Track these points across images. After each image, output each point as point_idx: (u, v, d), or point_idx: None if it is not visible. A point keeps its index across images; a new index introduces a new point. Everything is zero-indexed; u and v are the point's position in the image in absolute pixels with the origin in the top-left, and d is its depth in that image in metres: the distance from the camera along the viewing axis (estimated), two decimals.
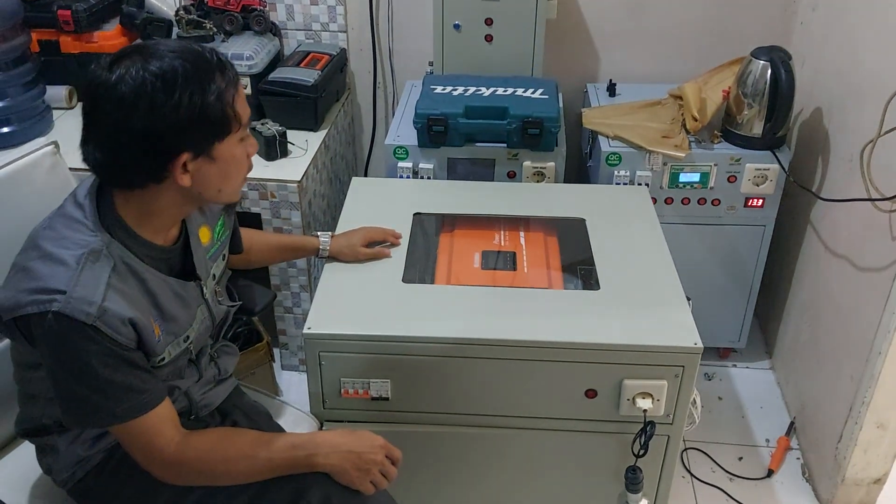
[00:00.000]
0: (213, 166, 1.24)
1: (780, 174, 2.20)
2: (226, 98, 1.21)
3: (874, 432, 1.98)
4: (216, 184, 1.27)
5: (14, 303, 1.20)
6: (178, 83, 1.17)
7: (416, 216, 1.94)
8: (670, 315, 1.63)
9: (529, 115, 2.11)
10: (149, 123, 1.17)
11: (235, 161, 1.28)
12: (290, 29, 2.59)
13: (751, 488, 2.19)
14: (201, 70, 1.20)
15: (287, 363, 2.52)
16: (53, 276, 1.19)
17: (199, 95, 1.18)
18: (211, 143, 1.23)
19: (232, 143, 1.25)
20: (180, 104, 1.17)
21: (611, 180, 2.21)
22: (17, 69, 2.18)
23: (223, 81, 1.21)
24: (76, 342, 1.18)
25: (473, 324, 1.60)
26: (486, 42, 2.33)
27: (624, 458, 1.67)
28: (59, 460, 1.40)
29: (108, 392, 1.22)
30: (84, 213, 1.25)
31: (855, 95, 2.04)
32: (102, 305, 1.19)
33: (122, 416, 1.24)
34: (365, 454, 1.36)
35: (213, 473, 1.33)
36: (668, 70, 2.56)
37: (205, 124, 1.20)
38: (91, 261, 1.21)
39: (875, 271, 1.91)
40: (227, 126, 1.23)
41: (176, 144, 1.19)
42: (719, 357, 2.62)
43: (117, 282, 1.23)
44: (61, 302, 1.17)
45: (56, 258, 1.21)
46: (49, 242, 1.23)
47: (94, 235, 1.23)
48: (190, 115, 1.18)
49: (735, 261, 2.37)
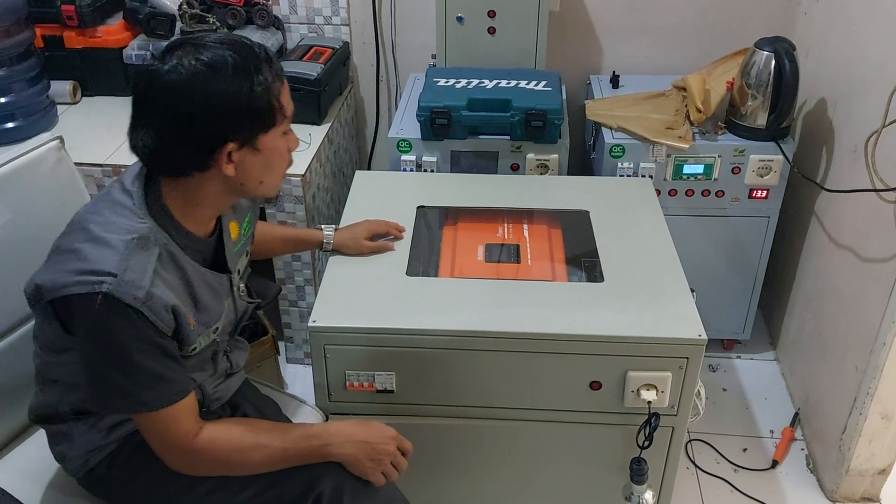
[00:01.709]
0: (257, 157, 1.27)
1: (784, 165, 2.20)
2: (272, 90, 1.25)
3: (879, 423, 1.98)
4: (258, 175, 1.30)
5: (59, 283, 1.21)
6: (228, 73, 1.20)
7: (420, 209, 1.94)
8: (674, 307, 1.63)
9: (533, 107, 2.11)
10: (198, 111, 1.20)
11: (278, 154, 1.31)
12: (292, 23, 2.59)
13: (755, 479, 2.20)
14: (249, 62, 1.23)
15: (292, 356, 2.53)
16: (103, 259, 1.20)
17: (248, 86, 1.22)
18: (256, 134, 1.26)
19: (276, 135, 1.28)
20: (228, 93, 1.20)
21: (614, 172, 2.21)
22: (22, 64, 2.19)
23: (270, 74, 1.24)
24: (119, 325, 1.20)
25: (477, 316, 1.60)
26: (489, 34, 2.33)
27: (629, 450, 1.67)
28: (73, 448, 1.41)
29: (140, 378, 1.24)
30: (132, 199, 1.27)
31: (859, 86, 2.04)
32: (150, 290, 1.21)
33: (150, 404, 1.26)
34: (378, 445, 1.38)
35: (229, 463, 1.34)
36: (672, 61, 2.55)
37: (251, 115, 1.24)
38: (140, 246, 1.23)
39: (879, 262, 1.91)
40: (272, 118, 1.26)
41: (223, 133, 1.23)
42: (724, 349, 2.62)
43: (161, 269, 1.25)
44: (111, 284, 1.18)
45: (105, 241, 1.22)
46: (97, 226, 1.24)
47: (141, 222, 1.26)
48: (237, 104, 1.21)
49: (739, 252, 2.37)
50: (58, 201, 1.61)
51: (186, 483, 1.37)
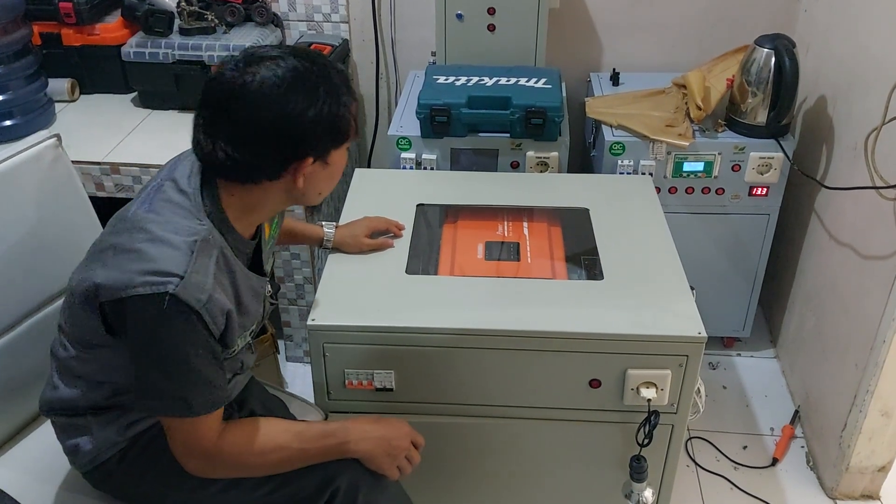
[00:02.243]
0: (326, 170, 1.31)
1: (784, 163, 2.19)
2: (352, 109, 1.29)
3: (878, 420, 1.98)
4: (320, 187, 1.34)
5: (124, 283, 1.20)
6: (319, 91, 1.23)
7: (420, 207, 1.94)
8: (674, 305, 1.63)
9: (532, 104, 2.10)
10: (286, 125, 1.22)
11: (340, 168, 1.35)
12: (291, 20, 2.58)
13: (755, 477, 2.20)
14: (335, 80, 1.26)
15: (292, 355, 2.53)
16: (168, 260, 1.20)
17: (335, 104, 1.25)
18: (330, 149, 1.29)
19: (343, 150, 1.33)
20: (320, 110, 1.23)
21: (614, 170, 2.21)
22: (19, 62, 2.18)
23: (350, 93, 1.29)
24: (180, 327, 1.20)
25: (477, 314, 1.60)
26: (489, 32, 2.32)
27: (628, 448, 1.67)
28: (89, 442, 1.40)
29: (192, 383, 1.24)
30: (189, 200, 1.27)
31: (859, 83, 2.03)
32: (211, 294, 1.22)
33: (198, 409, 1.26)
34: (394, 440, 1.41)
35: (247, 466, 1.35)
36: (672, 59, 2.55)
37: (333, 131, 1.27)
38: (202, 248, 1.23)
39: (879, 259, 1.90)
40: (347, 135, 1.30)
41: (305, 147, 1.25)
42: (724, 346, 2.62)
43: (218, 272, 1.26)
44: (177, 285, 1.18)
45: (168, 242, 1.22)
46: (157, 226, 1.24)
47: (201, 224, 1.26)
48: (324, 121, 1.24)
49: (739, 250, 2.37)
50: (55, 199, 1.61)
51: (199, 480, 1.36)
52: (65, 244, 1.62)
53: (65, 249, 1.61)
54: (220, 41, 2.31)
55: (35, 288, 1.57)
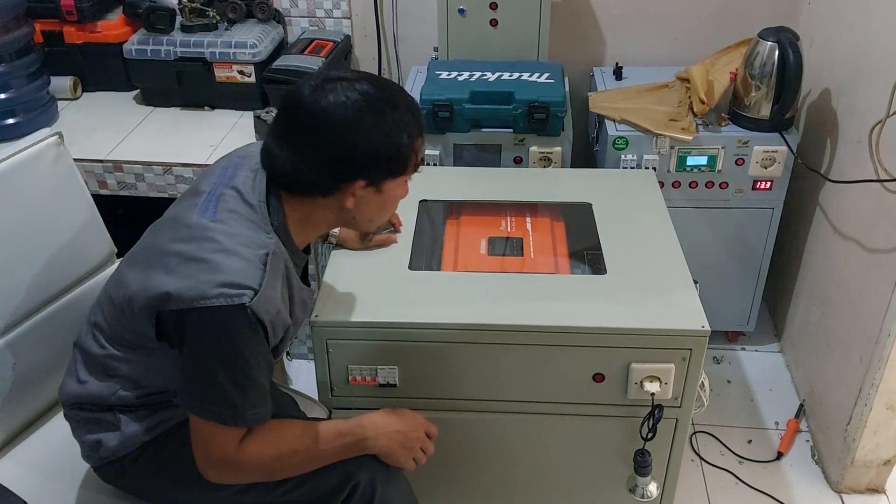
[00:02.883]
0: (378, 198, 1.33)
1: (788, 156, 2.19)
2: (415, 144, 1.31)
3: (884, 414, 1.97)
4: (371, 214, 1.37)
5: (199, 294, 1.20)
6: (385, 118, 1.26)
7: (423, 203, 1.94)
8: (678, 299, 1.62)
9: (535, 99, 2.10)
10: (344, 145, 1.26)
11: (395, 199, 1.38)
12: (293, 16, 2.58)
13: (760, 471, 2.19)
14: (403, 111, 1.28)
15: (296, 351, 2.53)
16: (242, 272, 1.21)
17: (398, 135, 1.27)
18: (384, 178, 1.31)
19: (400, 182, 1.35)
20: (376, 137, 1.26)
21: (618, 164, 2.20)
22: (21, 60, 2.18)
23: (416, 128, 1.31)
24: (247, 338, 1.22)
25: (480, 310, 1.60)
26: (491, 27, 2.32)
27: (632, 442, 1.67)
28: (113, 438, 1.40)
29: (249, 393, 1.25)
30: (256, 212, 1.29)
31: (863, 76, 2.02)
32: (280, 310, 1.25)
33: (250, 419, 1.28)
34: (410, 433, 1.43)
35: (267, 472, 1.35)
36: (675, 52, 2.54)
37: (389, 161, 1.29)
38: (273, 263, 1.25)
39: (884, 253, 1.90)
40: (405, 167, 1.32)
41: (358, 170, 1.28)
42: (728, 340, 2.62)
43: (281, 287, 1.28)
44: (252, 298, 1.20)
45: (239, 254, 1.23)
46: (226, 237, 1.25)
47: (269, 238, 1.28)
48: (381, 149, 1.27)
49: (743, 244, 2.37)
50: (57, 197, 1.61)
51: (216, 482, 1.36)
52: (68, 242, 1.62)
53: (68, 247, 1.61)
54: (221, 38, 2.31)
55: (38, 286, 1.57)
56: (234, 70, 2.32)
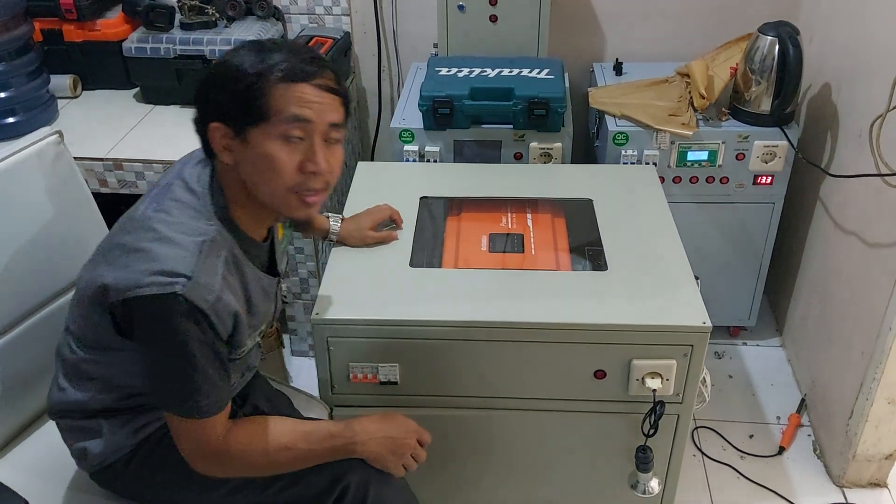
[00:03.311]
0: (250, 153, 1.23)
1: (788, 151, 2.18)
2: (268, 83, 1.20)
3: (885, 408, 1.97)
4: (251, 176, 1.26)
5: (132, 283, 1.19)
6: (242, 53, 1.22)
7: (423, 199, 1.94)
8: (679, 294, 1.62)
9: (535, 95, 2.09)
10: (202, 79, 1.25)
11: (269, 159, 1.23)
12: (293, 13, 2.57)
13: (762, 466, 2.19)
14: (268, 50, 1.22)
15: (297, 349, 2.53)
16: (176, 260, 1.19)
17: (247, 69, 1.20)
18: (244, 125, 1.22)
19: (266, 134, 1.22)
20: (227, 70, 1.22)
21: (618, 160, 2.20)
22: (21, 59, 2.18)
23: (280, 69, 1.20)
24: (187, 328, 1.19)
25: (481, 306, 1.60)
26: (491, 23, 2.31)
27: (634, 438, 1.67)
28: (98, 445, 1.40)
29: (201, 384, 1.24)
30: (198, 199, 1.27)
31: (864, 70, 2.02)
32: (219, 295, 1.21)
33: (206, 410, 1.26)
34: (400, 439, 1.40)
35: (255, 465, 1.34)
36: (675, 48, 2.54)
37: (236, 97, 1.21)
38: (211, 249, 1.23)
39: (885, 247, 1.89)
40: (258, 112, 1.21)
41: (209, 108, 1.24)
42: (729, 335, 2.62)
43: (227, 274, 1.25)
44: (185, 286, 1.17)
45: (176, 242, 1.21)
46: (165, 225, 1.23)
47: (210, 224, 1.25)
48: (227, 84, 1.21)
49: (744, 239, 2.36)
50: (58, 196, 1.61)
51: (210, 481, 1.36)
52: (68, 241, 1.62)
53: (68, 246, 1.61)
54: (221, 35, 2.31)
55: (39, 285, 1.58)
56: None
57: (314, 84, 1.23)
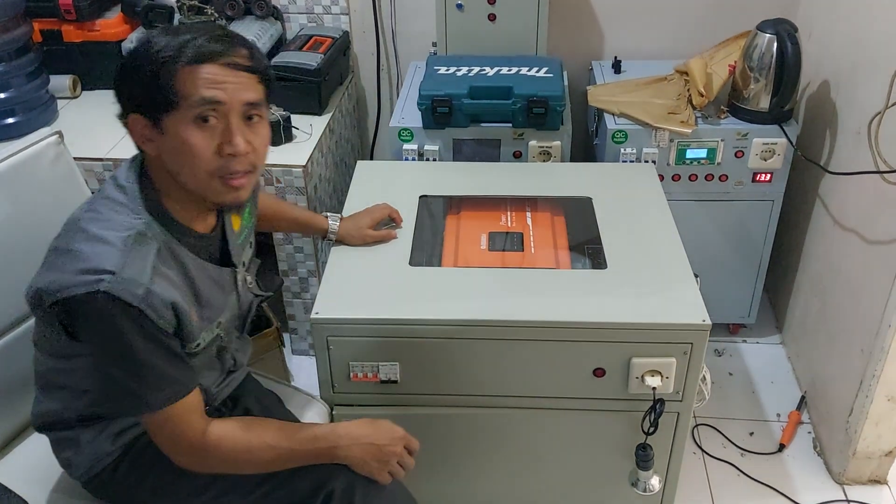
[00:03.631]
0: (168, 142, 1.21)
1: (787, 148, 2.19)
2: (174, 67, 1.17)
3: (885, 405, 1.97)
4: (173, 164, 1.23)
5: (60, 284, 1.19)
6: (153, 39, 1.19)
7: (423, 198, 1.94)
8: (678, 292, 1.62)
9: (534, 94, 2.10)
10: (117, 72, 1.23)
11: (186, 146, 1.20)
12: (292, 13, 2.58)
13: (762, 463, 2.20)
14: (179, 33, 1.19)
15: (297, 348, 2.53)
16: (101, 257, 1.18)
17: (156, 54, 1.17)
18: (159, 113, 1.20)
19: (181, 121, 1.19)
20: (138, 59, 1.19)
21: (617, 158, 2.20)
22: (20, 59, 2.18)
23: (189, 51, 1.17)
24: (121, 324, 1.18)
25: (481, 305, 1.60)
26: (490, 21, 2.31)
27: (634, 436, 1.67)
28: (79, 454, 1.40)
29: (145, 378, 1.23)
30: (126, 195, 1.26)
31: (862, 67, 2.02)
32: (149, 288, 1.19)
33: (155, 404, 1.25)
34: (385, 447, 1.37)
35: (236, 462, 1.33)
36: (674, 46, 2.54)
37: (146, 87, 1.19)
38: (137, 243, 1.21)
39: (884, 244, 1.90)
40: (168, 99, 1.18)
41: (127, 99, 1.23)
42: (729, 333, 2.62)
43: (161, 265, 1.23)
44: (110, 282, 1.16)
45: (102, 239, 1.20)
46: (93, 224, 1.23)
47: (137, 218, 1.24)
48: (137, 73, 1.19)
49: (744, 236, 2.37)
50: (57, 197, 1.60)
51: (196, 486, 1.37)
52: None
53: None
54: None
55: None
56: None
57: (223, 63, 1.20)
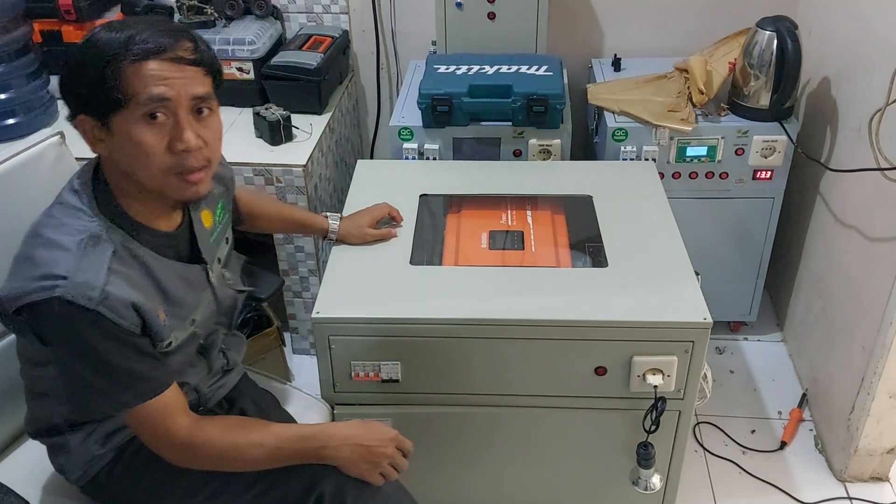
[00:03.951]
0: (118, 141, 1.19)
1: (788, 146, 2.18)
2: (119, 65, 1.15)
3: (886, 402, 1.97)
4: (128, 164, 1.21)
5: (19, 292, 1.19)
6: (94, 37, 1.17)
7: (423, 197, 1.94)
8: (679, 290, 1.62)
9: (534, 92, 2.10)
10: (63, 70, 1.20)
11: (138, 145, 1.18)
12: (291, 12, 2.58)
13: (764, 461, 2.20)
14: (123, 30, 1.17)
15: (298, 347, 2.53)
16: (55, 262, 1.18)
17: (98, 54, 1.15)
18: (107, 113, 1.17)
19: (130, 120, 1.17)
20: (80, 59, 1.17)
21: (617, 156, 2.20)
22: (20, 60, 2.18)
23: (134, 50, 1.15)
24: (81, 327, 1.18)
25: (482, 304, 1.60)
26: (489, 20, 2.31)
27: (635, 435, 1.67)
28: (71, 459, 1.40)
29: (114, 378, 1.22)
30: (81, 199, 1.25)
31: (863, 64, 2.02)
32: (105, 290, 1.18)
33: (128, 402, 1.25)
34: (374, 448, 1.36)
35: (223, 460, 1.33)
36: (674, 43, 2.54)
37: (88, 86, 1.16)
38: (91, 245, 1.21)
39: (885, 241, 1.90)
40: (114, 98, 1.16)
41: (74, 100, 1.20)
42: (730, 331, 2.62)
43: (119, 266, 1.22)
44: (64, 287, 1.16)
45: (56, 244, 1.20)
46: (49, 230, 1.22)
47: (92, 220, 1.23)
48: (87, 70, 1.16)
49: (744, 234, 2.36)
50: None
51: (189, 487, 1.37)
52: None
53: None
54: (219, 35, 2.31)
55: None
56: (233, 67, 2.32)
57: (168, 58, 1.17)
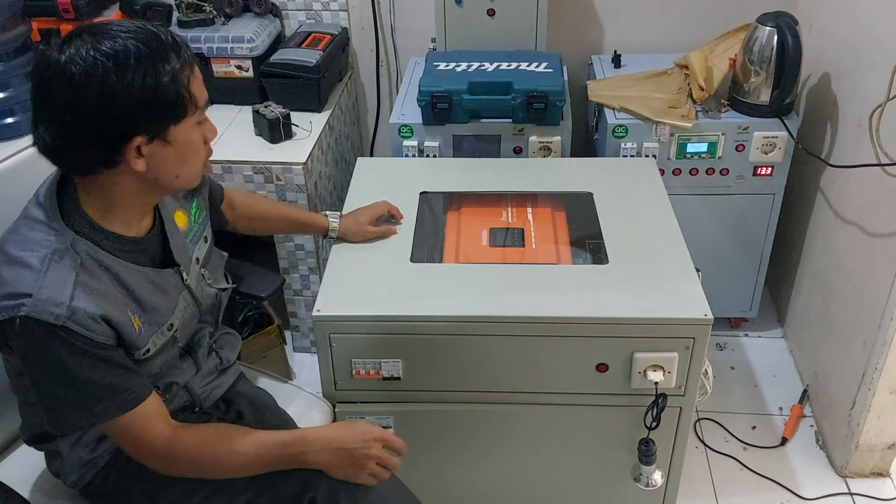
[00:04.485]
0: (169, 150, 1.21)
1: (788, 142, 2.18)
2: (180, 79, 1.19)
3: (887, 398, 1.97)
4: (173, 169, 1.24)
5: None
6: (131, 64, 1.14)
7: (423, 195, 1.94)
8: (680, 287, 1.62)
9: (534, 89, 2.09)
10: (99, 105, 1.14)
11: (192, 146, 1.25)
12: (290, 10, 2.57)
13: (765, 457, 2.20)
14: (155, 50, 1.16)
15: (299, 345, 2.53)
16: (19, 280, 1.17)
17: (153, 76, 1.15)
18: (166, 126, 1.19)
19: (188, 126, 1.22)
20: (132, 85, 1.14)
21: (618, 153, 2.20)
22: (19, 59, 2.18)
23: (178, 62, 1.18)
24: (48, 345, 1.17)
25: (483, 301, 1.60)
26: (489, 16, 2.31)
27: (636, 431, 1.67)
28: (65, 465, 1.41)
29: (86, 392, 1.21)
30: (45, 212, 1.23)
31: (863, 60, 2.02)
32: (71, 305, 1.16)
33: (102, 415, 1.24)
34: (356, 450, 1.34)
35: (204, 467, 1.33)
36: (674, 39, 2.53)
37: (159, 106, 1.17)
38: (55, 260, 1.19)
39: (886, 237, 1.89)
40: (183, 108, 1.20)
41: (128, 127, 1.17)
42: (731, 327, 2.62)
43: (86, 279, 1.20)
44: (28, 305, 1.15)
45: (20, 261, 1.19)
46: (13, 246, 1.21)
47: (56, 234, 1.21)
48: (143, 96, 1.15)
49: (745, 230, 2.36)
50: None
51: (183, 491, 1.37)
52: None
53: None
54: (218, 33, 2.31)
55: None
56: (232, 65, 2.32)
57: (194, 66, 1.24)
